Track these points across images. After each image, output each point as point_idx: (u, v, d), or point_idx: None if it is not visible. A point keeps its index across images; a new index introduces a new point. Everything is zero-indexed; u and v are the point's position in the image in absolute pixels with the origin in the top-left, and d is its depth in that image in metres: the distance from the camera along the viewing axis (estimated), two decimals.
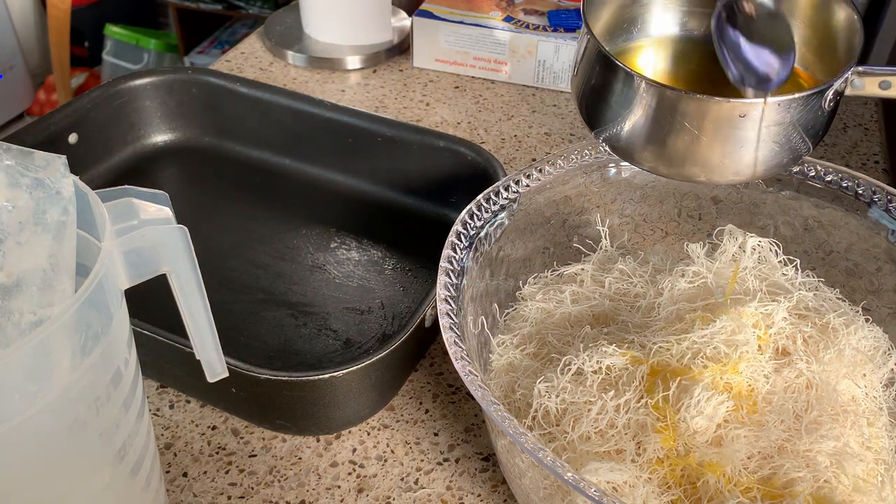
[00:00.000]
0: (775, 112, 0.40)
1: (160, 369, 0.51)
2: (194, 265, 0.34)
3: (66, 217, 0.30)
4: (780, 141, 0.41)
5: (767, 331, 0.43)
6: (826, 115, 0.42)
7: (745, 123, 0.40)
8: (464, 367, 0.37)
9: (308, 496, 0.46)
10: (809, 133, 0.42)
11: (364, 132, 0.68)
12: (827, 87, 0.40)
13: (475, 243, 0.46)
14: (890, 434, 0.43)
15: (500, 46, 0.84)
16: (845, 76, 0.41)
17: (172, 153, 0.74)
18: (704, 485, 0.38)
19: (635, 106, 0.42)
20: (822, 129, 0.43)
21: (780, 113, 0.40)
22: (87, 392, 0.30)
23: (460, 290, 0.43)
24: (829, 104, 0.41)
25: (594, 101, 0.45)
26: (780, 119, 0.40)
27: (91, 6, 2.11)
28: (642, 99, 0.42)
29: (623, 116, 0.43)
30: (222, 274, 0.61)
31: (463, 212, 0.46)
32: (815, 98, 0.40)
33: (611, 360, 0.42)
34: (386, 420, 0.51)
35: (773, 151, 0.41)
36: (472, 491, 0.46)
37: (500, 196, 0.48)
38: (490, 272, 0.48)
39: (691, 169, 0.43)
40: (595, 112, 0.45)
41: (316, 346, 0.56)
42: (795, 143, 0.41)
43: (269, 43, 0.91)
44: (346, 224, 0.67)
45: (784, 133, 0.41)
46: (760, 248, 0.49)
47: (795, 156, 0.42)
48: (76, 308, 0.27)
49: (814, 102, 0.40)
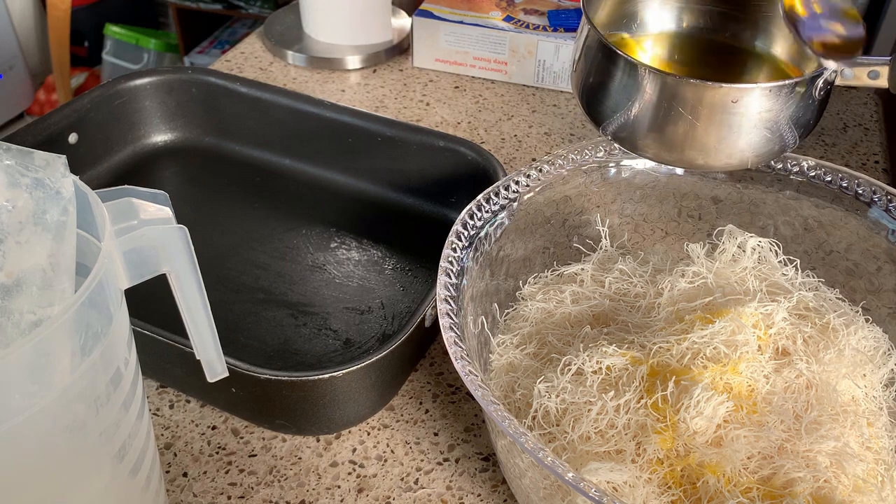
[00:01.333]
0: (766, 98, 0.41)
1: (160, 369, 0.51)
2: (194, 265, 0.34)
3: (66, 217, 0.30)
4: (771, 127, 0.42)
5: (767, 331, 0.43)
6: (816, 105, 0.43)
7: (738, 108, 0.41)
8: (464, 367, 0.37)
9: (308, 496, 0.46)
10: (800, 121, 0.43)
11: (364, 132, 0.68)
12: (816, 74, 0.41)
13: (475, 243, 0.46)
14: (890, 434, 0.43)
15: (500, 46, 0.84)
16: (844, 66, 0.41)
17: (172, 153, 0.74)
18: (704, 485, 0.38)
19: (636, 94, 0.43)
20: (813, 119, 0.44)
21: (771, 99, 0.41)
22: (87, 392, 0.30)
23: (460, 289, 0.43)
24: (820, 93, 0.42)
25: (595, 92, 0.46)
26: (771, 105, 0.41)
27: (91, 6, 2.11)
28: (643, 86, 0.43)
29: (624, 105, 0.44)
30: (222, 274, 0.61)
31: (463, 211, 0.46)
32: (806, 86, 0.41)
33: (611, 360, 0.42)
34: (386, 420, 0.51)
35: (765, 138, 0.43)
36: (472, 491, 0.46)
37: (500, 196, 0.48)
38: (490, 272, 0.48)
39: (689, 153, 0.44)
40: (596, 103, 0.46)
41: (316, 346, 0.56)
42: (786, 130, 0.43)
43: (269, 43, 0.91)
44: (346, 224, 0.67)
45: (775, 120, 0.42)
46: (760, 248, 0.49)
47: (786, 143, 0.44)
48: (76, 308, 0.27)
49: (804, 91, 0.41)
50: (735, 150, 0.43)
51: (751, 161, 0.44)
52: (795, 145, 0.44)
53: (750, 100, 0.41)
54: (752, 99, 0.41)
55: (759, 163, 0.45)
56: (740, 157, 0.43)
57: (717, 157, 0.43)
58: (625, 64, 0.43)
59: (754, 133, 0.42)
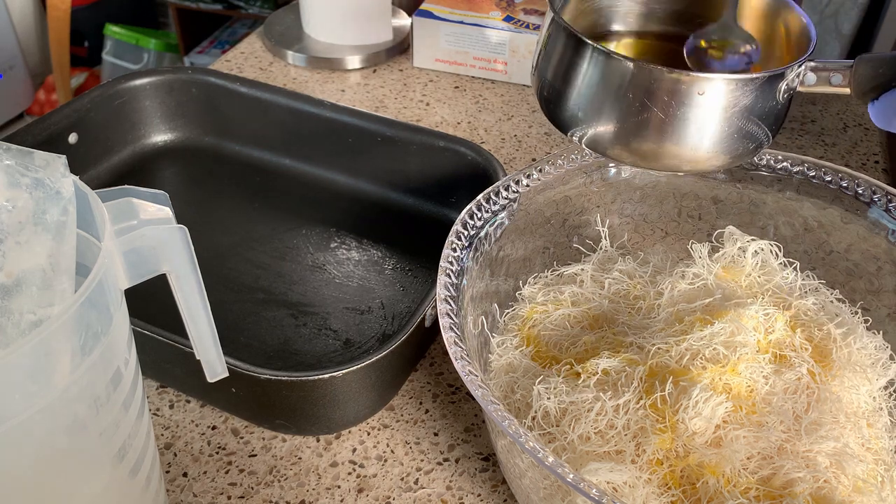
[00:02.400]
0: (731, 92, 0.40)
1: (160, 369, 0.51)
2: (194, 265, 0.34)
3: (65, 217, 0.30)
4: (737, 126, 0.41)
5: (767, 336, 0.43)
6: (781, 107, 0.43)
7: (704, 101, 0.40)
8: (464, 367, 0.37)
9: (308, 496, 0.46)
10: (766, 121, 0.42)
11: (364, 132, 0.68)
12: (780, 71, 0.41)
13: (475, 243, 0.46)
14: (890, 434, 0.43)
15: (500, 46, 0.84)
16: (801, 65, 0.41)
17: (172, 153, 0.74)
18: (704, 485, 0.38)
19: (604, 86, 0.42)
20: (778, 121, 0.43)
21: (736, 93, 0.40)
22: (87, 392, 0.30)
23: (460, 290, 0.43)
24: (783, 96, 0.42)
25: (558, 91, 0.44)
26: (736, 101, 0.40)
27: (91, 6, 2.11)
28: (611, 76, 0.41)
29: (591, 100, 0.43)
30: (222, 274, 0.61)
31: (463, 211, 0.46)
32: (770, 83, 0.41)
33: (608, 363, 0.42)
34: (386, 420, 0.51)
35: (732, 137, 0.42)
36: (472, 491, 0.46)
37: (500, 196, 0.48)
38: (490, 272, 0.48)
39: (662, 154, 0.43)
40: (560, 102, 0.45)
41: (316, 346, 0.56)
42: (752, 129, 0.42)
43: (269, 43, 0.91)
44: (346, 224, 0.67)
45: (741, 118, 0.41)
46: (761, 251, 0.49)
47: (754, 145, 0.43)
48: (76, 308, 0.27)
49: (768, 88, 0.41)
50: (702, 149, 0.42)
51: (720, 161, 0.43)
52: (769, 143, 0.44)
53: (716, 92, 0.40)
54: (719, 90, 0.40)
55: (728, 163, 0.44)
56: (708, 156, 0.42)
57: (688, 155, 0.42)
58: (593, 52, 0.41)
59: (721, 130, 0.41)
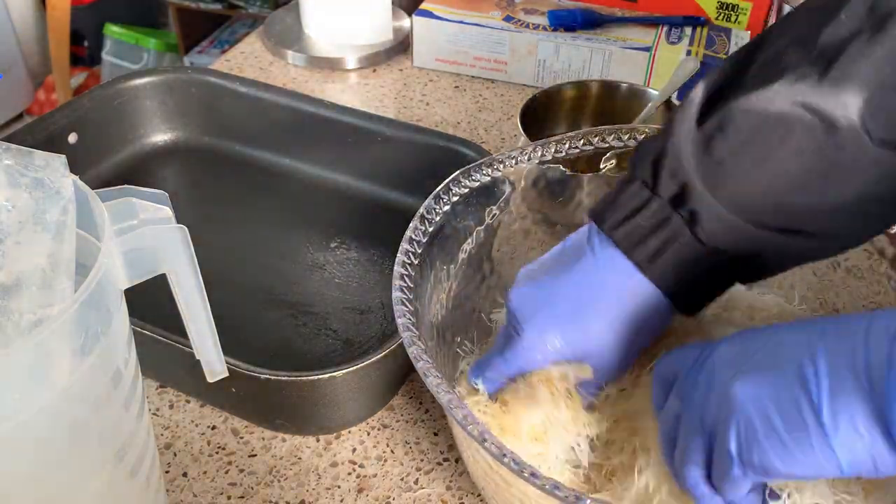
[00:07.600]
0: None
1: (160, 369, 0.51)
2: (194, 265, 0.34)
3: (65, 217, 0.30)
4: None
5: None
6: None
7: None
8: (411, 339, 0.39)
9: (308, 496, 0.46)
10: None
11: (364, 132, 0.68)
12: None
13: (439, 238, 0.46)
14: None
15: (500, 46, 0.84)
16: None
17: (172, 153, 0.74)
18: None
19: None
20: None
21: None
22: (87, 392, 0.30)
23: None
24: None
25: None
26: None
27: (91, 6, 2.10)
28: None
29: None
30: (222, 274, 0.61)
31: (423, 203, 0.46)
32: None
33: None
34: (386, 420, 0.51)
35: None
36: (471, 491, 0.46)
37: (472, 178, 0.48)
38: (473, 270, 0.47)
39: None
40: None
41: (316, 346, 0.56)
42: None
43: (269, 42, 0.91)
44: (346, 224, 0.67)
45: None
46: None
47: None
48: (76, 308, 0.27)
49: None
50: None
51: None
52: None
53: None
54: None
55: None
56: None
57: None
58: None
59: None
